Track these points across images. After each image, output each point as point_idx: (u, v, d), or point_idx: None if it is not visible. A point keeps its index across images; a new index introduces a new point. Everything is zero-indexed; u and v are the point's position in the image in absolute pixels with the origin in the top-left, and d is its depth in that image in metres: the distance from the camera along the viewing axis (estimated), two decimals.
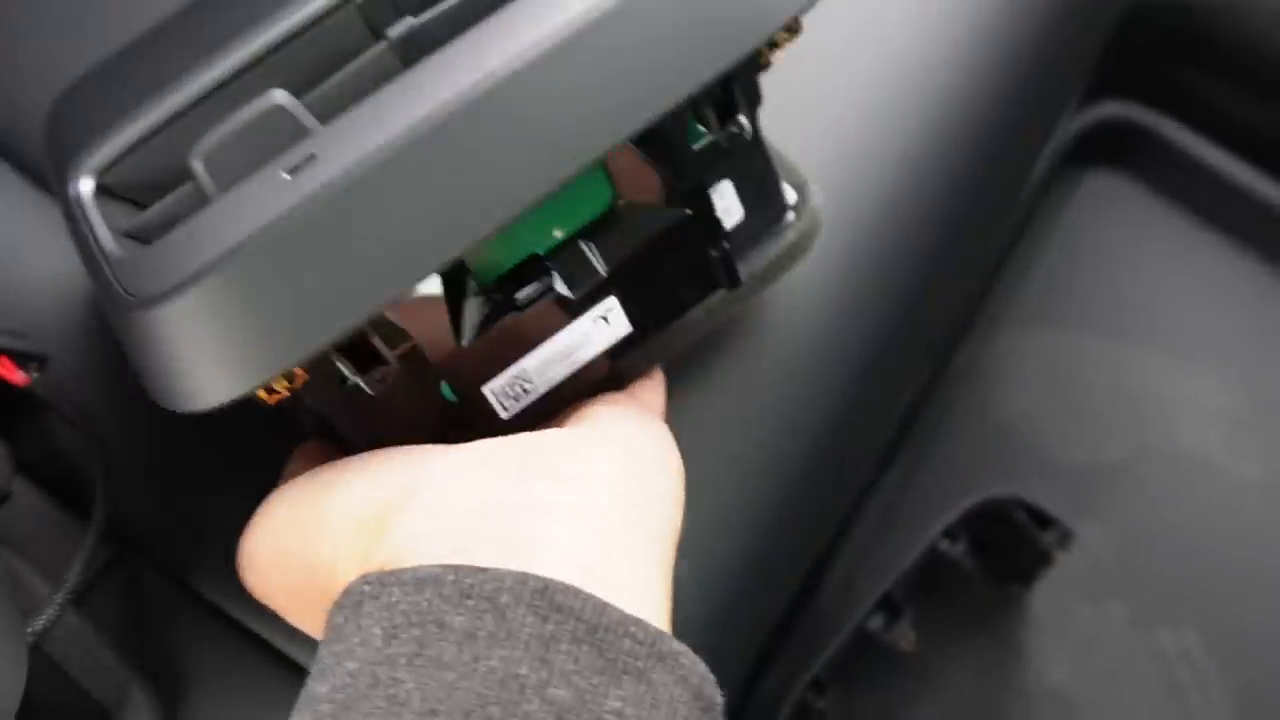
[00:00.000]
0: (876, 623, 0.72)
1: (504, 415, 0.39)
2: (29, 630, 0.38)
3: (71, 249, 0.36)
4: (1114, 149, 0.80)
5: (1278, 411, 0.79)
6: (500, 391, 0.38)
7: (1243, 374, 0.80)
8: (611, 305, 0.38)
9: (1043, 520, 0.72)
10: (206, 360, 0.31)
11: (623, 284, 0.38)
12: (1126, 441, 0.79)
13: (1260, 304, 0.81)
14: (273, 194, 0.31)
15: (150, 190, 0.36)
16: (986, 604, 0.75)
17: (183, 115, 0.36)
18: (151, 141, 0.36)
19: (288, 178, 0.32)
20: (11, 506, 0.43)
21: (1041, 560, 0.73)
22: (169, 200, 0.35)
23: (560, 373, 0.39)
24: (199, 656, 0.47)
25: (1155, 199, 0.82)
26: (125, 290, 0.32)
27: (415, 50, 0.36)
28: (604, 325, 0.39)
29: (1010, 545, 0.73)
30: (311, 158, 0.32)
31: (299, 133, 0.33)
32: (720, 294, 0.41)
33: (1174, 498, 0.78)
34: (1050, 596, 0.76)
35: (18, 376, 0.43)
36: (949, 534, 0.73)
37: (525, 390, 0.39)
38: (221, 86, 0.36)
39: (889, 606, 0.72)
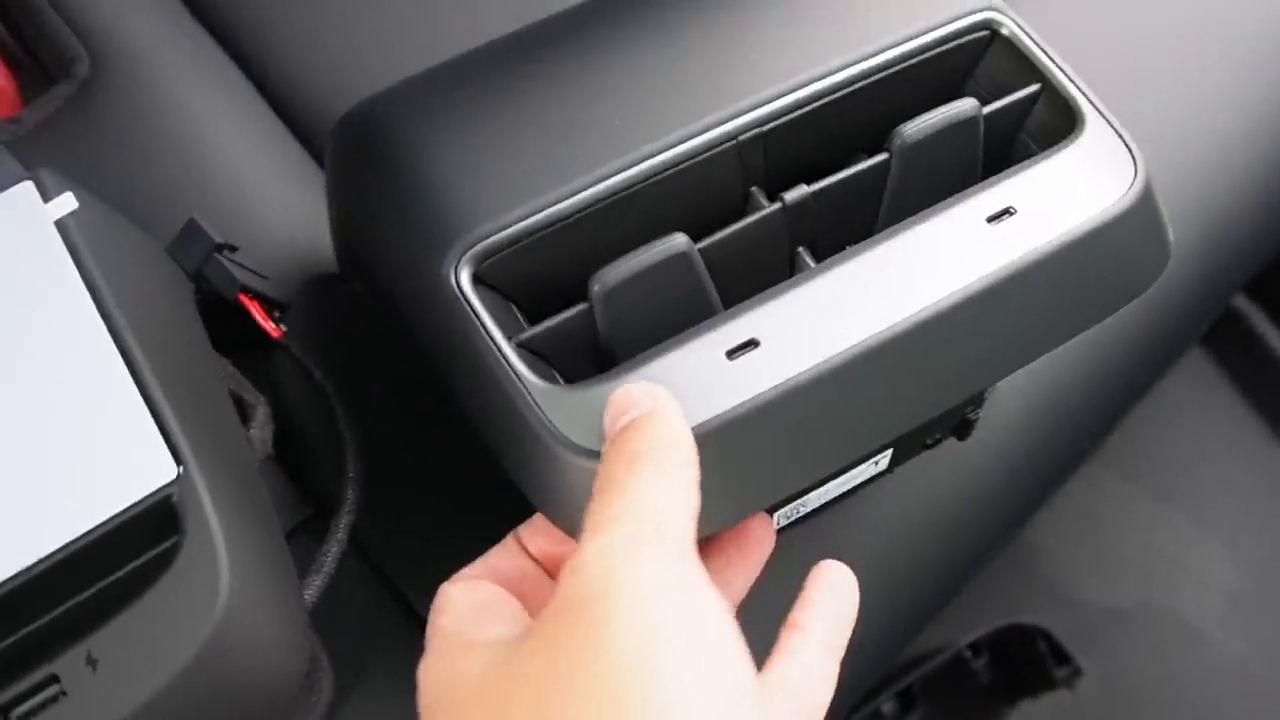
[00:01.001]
0: (889, 708, 0.77)
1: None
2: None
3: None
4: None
5: (1273, 596, 0.87)
6: (783, 512, 0.42)
7: (1251, 556, 0.87)
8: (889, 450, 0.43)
9: (1060, 655, 0.78)
10: None
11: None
12: (1134, 592, 0.86)
13: None
14: (719, 378, 0.34)
15: (517, 281, 0.38)
16: (992, 715, 0.81)
17: (569, 221, 0.37)
18: (536, 239, 0.37)
19: (727, 360, 0.34)
20: None
21: (1048, 686, 0.79)
22: (564, 321, 0.36)
23: (829, 496, 0.43)
24: (372, 636, 0.47)
25: (1222, 372, 0.88)
26: (551, 424, 0.34)
27: (803, 217, 0.38)
28: (874, 465, 0.43)
29: (1025, 668, 0.79)
30: (753, 343, 0.34)
31: (702, 290, 0.36)
32: None
33: (1162, 656, 0.85)
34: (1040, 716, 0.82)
35: (272, 328, 0.45)
36: (974, 647, 0.78)
37: (800, 509, 0.42)
38: (609, 204, 0.37)
39: (906, 698, 0.77)
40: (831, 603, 0.34)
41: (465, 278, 0.36)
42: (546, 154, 0.38)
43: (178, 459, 0.33)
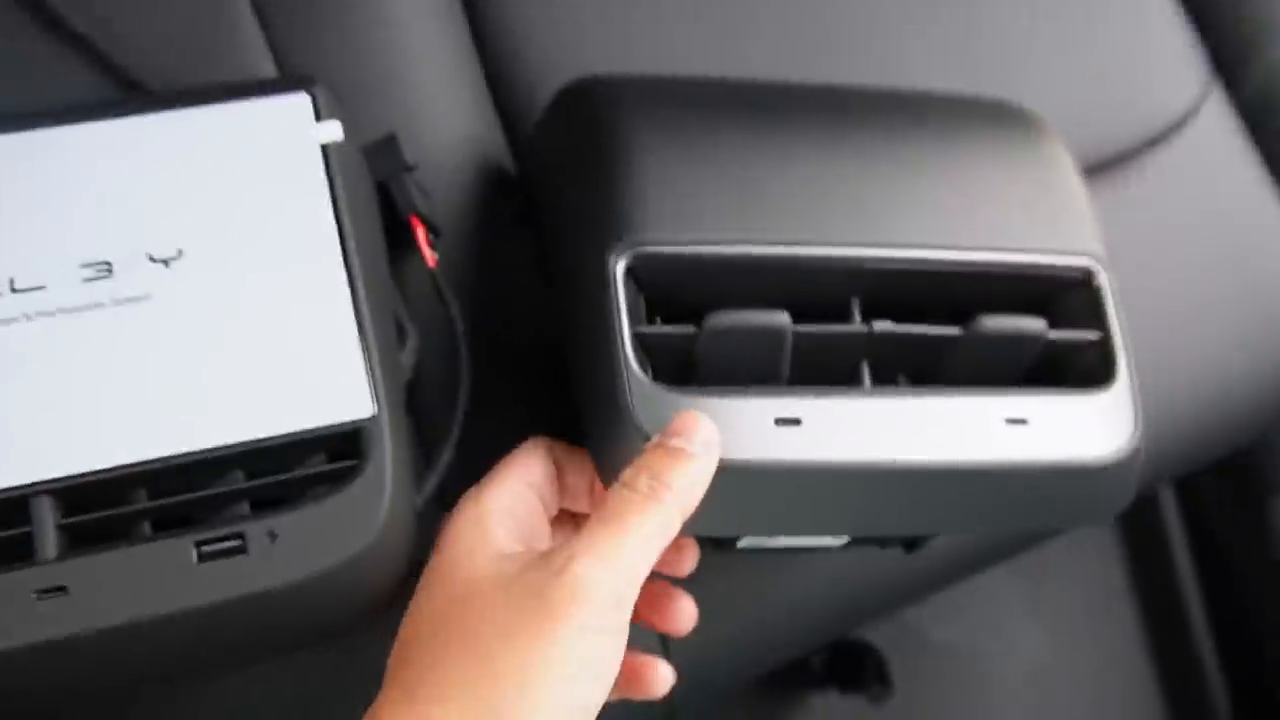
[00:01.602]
0: None
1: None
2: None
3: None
4: None
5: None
6: (750, 541, 0.52)
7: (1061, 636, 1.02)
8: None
9: (881, 674, 0.92)
10: None
11: None
12: (958, 638, 1.00)
13: None
14: (761, 435, 0.44)
15: (653, 284, 0.47)
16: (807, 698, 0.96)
17: (717, 263, 0.46)
18: (686, 264, 0.47)
19: (774, 425, 0.44)
20: None
21: (859, 691, 0.93)
22: (674, 333, 0.45)
23: (789, 544, 0.53)
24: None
25: None
26: (633, 408, 0.44)
27: (878, 342, 0.47)
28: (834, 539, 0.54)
29: (851, 673, 0.93)
30: (797, 421, 0.44)
31: (778, 359, 0.46)
32: None
33: (958, 696, 0.99)
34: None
35: (430, 255, 0.51)
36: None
37: (763, 544, 0.53)
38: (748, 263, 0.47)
39: None
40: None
41: (620, 267, 0.45)
42: (728, 203, 0.47)
43: (375, 399, 0.41)
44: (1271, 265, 0.68)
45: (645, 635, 0.55)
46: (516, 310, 0.55)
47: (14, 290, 0.41)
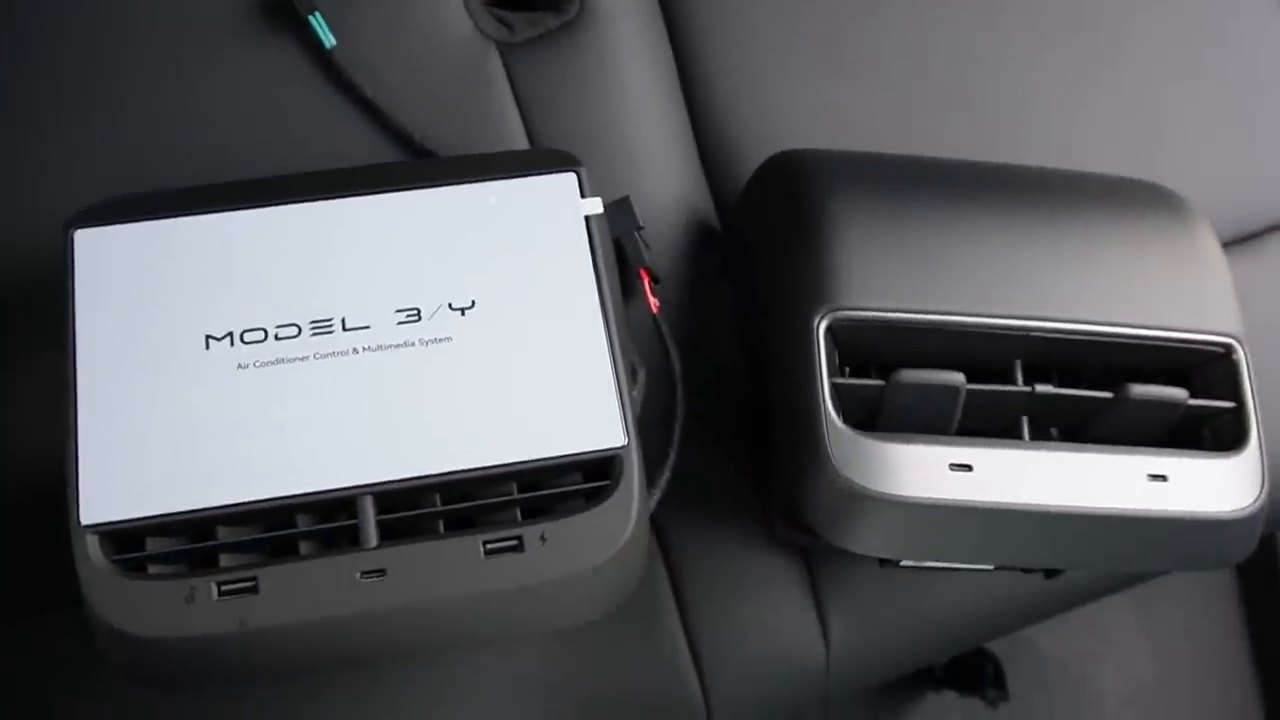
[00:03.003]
0: None
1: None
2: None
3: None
4: None
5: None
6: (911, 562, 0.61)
7: (1169, 657, 1.07)
8: None
9: (999, 681, 1.00)
10: (859, 536, 0.53)
11: None
12: (1070, 652, 1.07)
13: None
14: (937, 476, 0.52)
15: (848, 340, 0.55)
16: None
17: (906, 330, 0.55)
18: (881, 328, 0.55)
19: (948, 469, 0.52)
20: None
21: (974, 694, 1.01)
22: (866, 385, 0.54)
23: (944, 564, 0.62)
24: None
25: None
26: (831, 450, 0.52)
27: (1043, 405, 0.55)
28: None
29: (969, 677, 1.01)
30: (969, 467, 0.52)
31: (952, 411, 0.54)
32: None
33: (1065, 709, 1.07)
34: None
35: (654, 302, 0.60)
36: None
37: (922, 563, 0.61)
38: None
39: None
40: None
41: (823, 327, 0.54)
42: (915, 274, 0.55)
43: (626, 432, 0.50)
44: None
45: (808, 630, 0.64)
46: (722, 347, 0.64)
47: (345, 329, 0.51)
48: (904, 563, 0.60)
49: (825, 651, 0.64)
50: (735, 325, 0.65)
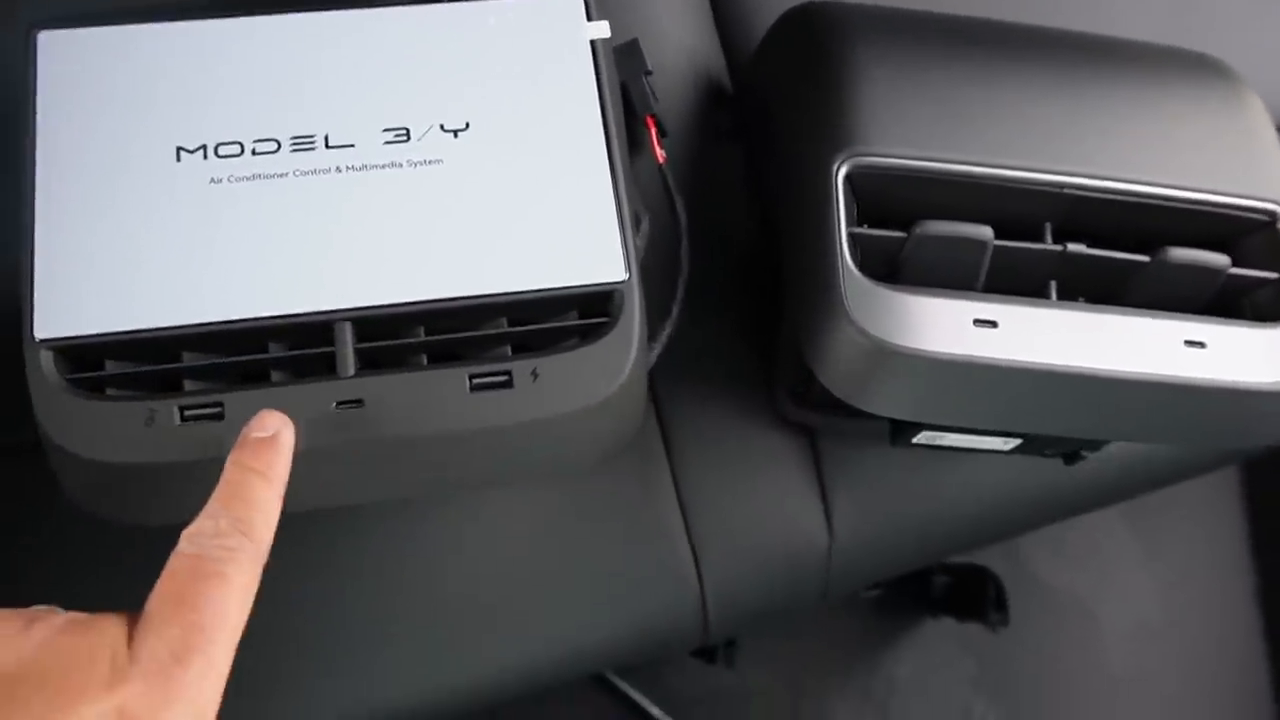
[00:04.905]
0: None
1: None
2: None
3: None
4: None
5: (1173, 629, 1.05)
6: (926, 435, 0.57)
7: (1171, 590, 1.05)
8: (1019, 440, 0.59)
9: (1000, 603, 0.96)
10: (875, 394, 0.49)
11: None
12: (1071, 582, 1.04)
13: None
14: (960, 332, 0.48)
15: (867, 189, 0.52)
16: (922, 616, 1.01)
17: (927, 178, 0.51)
18: (903, 176, 0.51)
19: (972, 325, 0.49)
20: None
21: (976, 619, 0.98)
22: (886, 236, 0.50)
23: (959, 444, 0.58)
24: None
25: None
26: (847, 300, 0.48)
27: (1068, 261, 0.52)
28: (1003, 443, 0.58)
29: (970, 599, 0.98)
30: (994, 324, 0.49)
31: (977, 269, 0.50)
32: None
33: (1065, 636, 1.04)
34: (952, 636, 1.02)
35: (660, 152, 0.56)
36: (945, 567, 0.96)
37: (938, 440, 0.58)
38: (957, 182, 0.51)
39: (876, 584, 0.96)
40: None
41: (842, 174, 0.50)
42: (940, 124, 0.51)
43: (628, 266, 0.47)
44: None
45: (811, 516, 0.61)
46: (729, 211, 0.60)
47: (328, 146, 0.47)
48: (916, 440, 0.57)
49: (828, 539, 0.61)
50: (743, 192, 0.61)
